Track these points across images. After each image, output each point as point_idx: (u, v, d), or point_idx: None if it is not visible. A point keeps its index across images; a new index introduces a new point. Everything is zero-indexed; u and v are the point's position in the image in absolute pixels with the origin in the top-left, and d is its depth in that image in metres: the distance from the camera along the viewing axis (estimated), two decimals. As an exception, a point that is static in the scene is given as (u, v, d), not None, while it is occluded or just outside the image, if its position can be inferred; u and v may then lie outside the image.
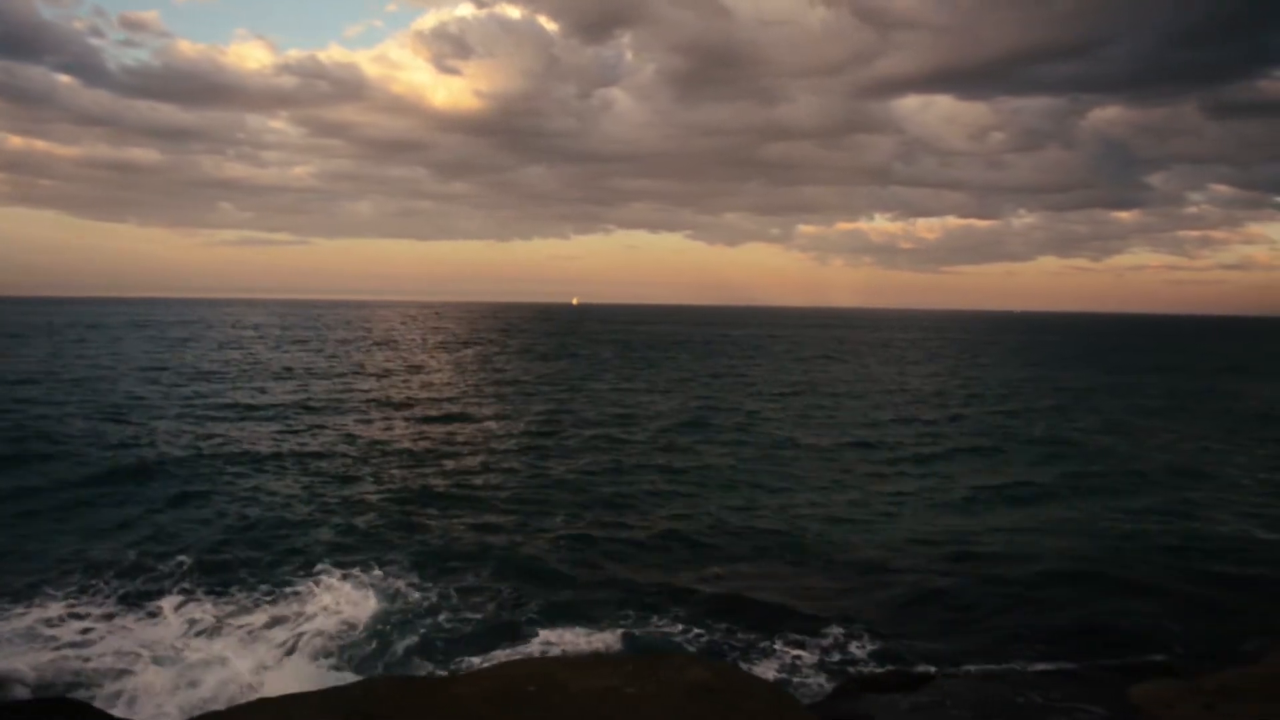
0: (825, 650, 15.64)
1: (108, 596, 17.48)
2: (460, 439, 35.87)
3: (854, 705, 12.65)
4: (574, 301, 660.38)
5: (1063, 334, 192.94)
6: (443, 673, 14.03)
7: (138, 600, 17.35)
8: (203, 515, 23.48)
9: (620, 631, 16.41)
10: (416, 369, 68.46)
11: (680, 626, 16.68)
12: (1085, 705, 13.33)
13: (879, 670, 14.67)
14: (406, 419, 41.41)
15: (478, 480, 28.15)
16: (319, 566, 19.35)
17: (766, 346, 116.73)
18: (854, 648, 15.76)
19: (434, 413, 43.12)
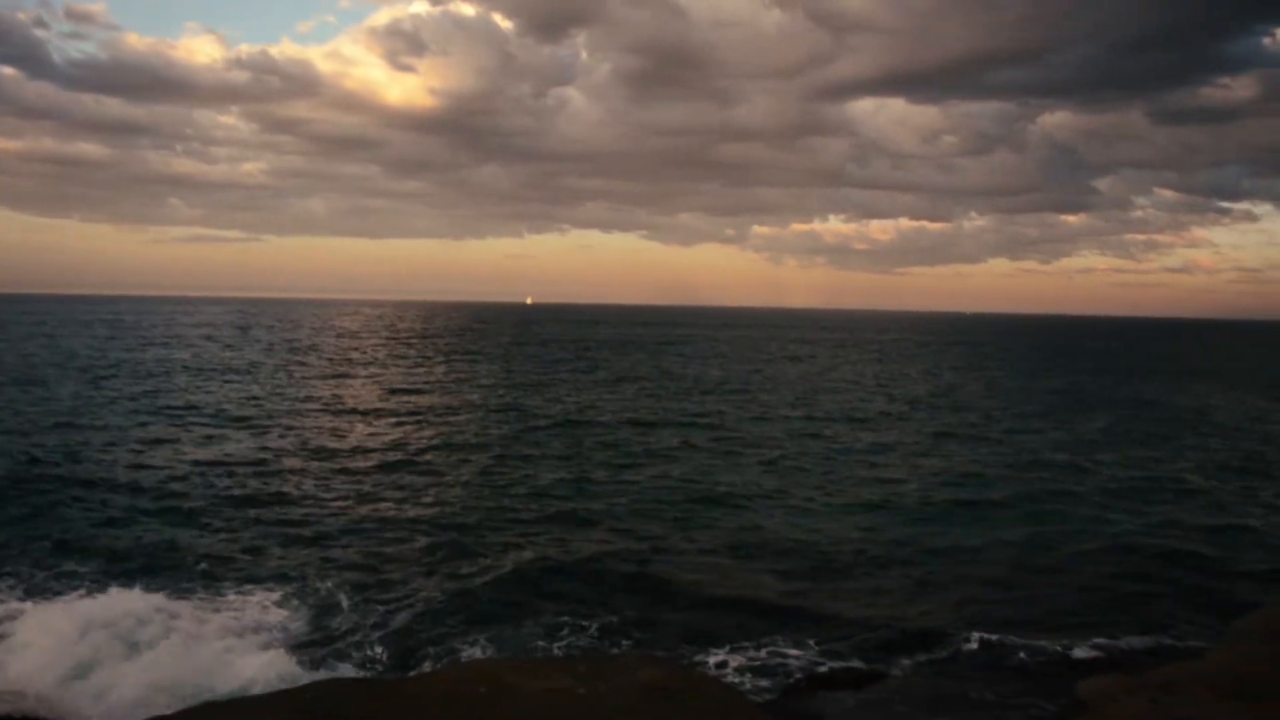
0: (777, 648, 15.64)
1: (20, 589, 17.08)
2: (406, 442, 35.51)
3: (805, 703, 12.69)
4: (528, 301, 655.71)
5: (1011, 335, 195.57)
6: (395, 675, 13.85)
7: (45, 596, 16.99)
8: (133, 519, 23.00)
9: (573, 633, 16.31)
10: (364, 371, 67.79)
11: (633, 627, 16.59)
12: (1034, 700, 13.48)
13: (830, 668, 14.71)
14: (355, 423, 40.98)
15: (423, 485, 27.70)
16: (260, 575, 18.98)
17: (717, 346, 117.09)
18: (805, 645, 15.77)
19: (380, 418, 42.57)
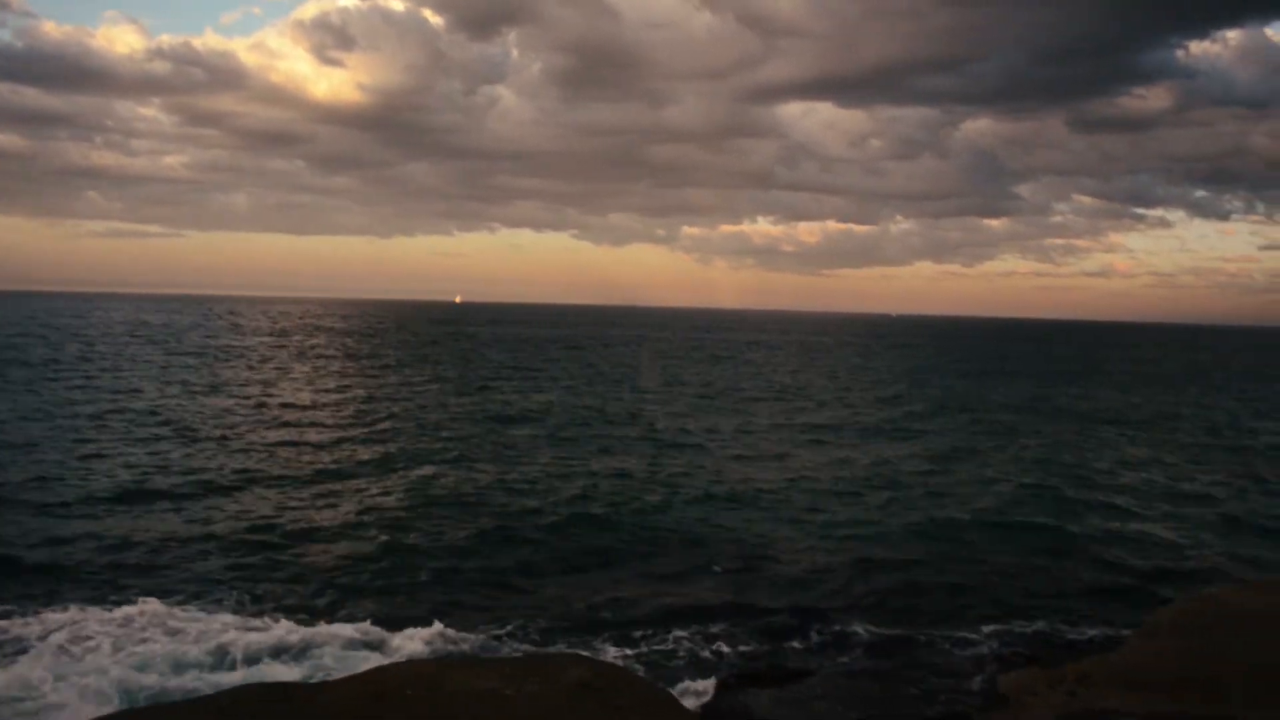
0: (704, 644, 15.72)
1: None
2: (323, 449, 34.94)
3: (734, 701, 12.74)
4: (456, 300, 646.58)
5: (938, 337, 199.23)
6: (318, 679, 13.58)
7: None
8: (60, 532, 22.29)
9: (502, 634, 16.19)
10: (281, 374, 66.58)
11: (564, 626, 16.55)
12: (958, 695, 13.72)
13: (759, 666, 14.81)
14: (274, 427, 40.21)
15: (343, 489, 27.22)
16: (177, 584, 18.49)
17: (646, 345, 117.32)
18: (732, 641, 15.88)
19: (298, 425, 41.80)
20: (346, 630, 16.05)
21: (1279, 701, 11.23)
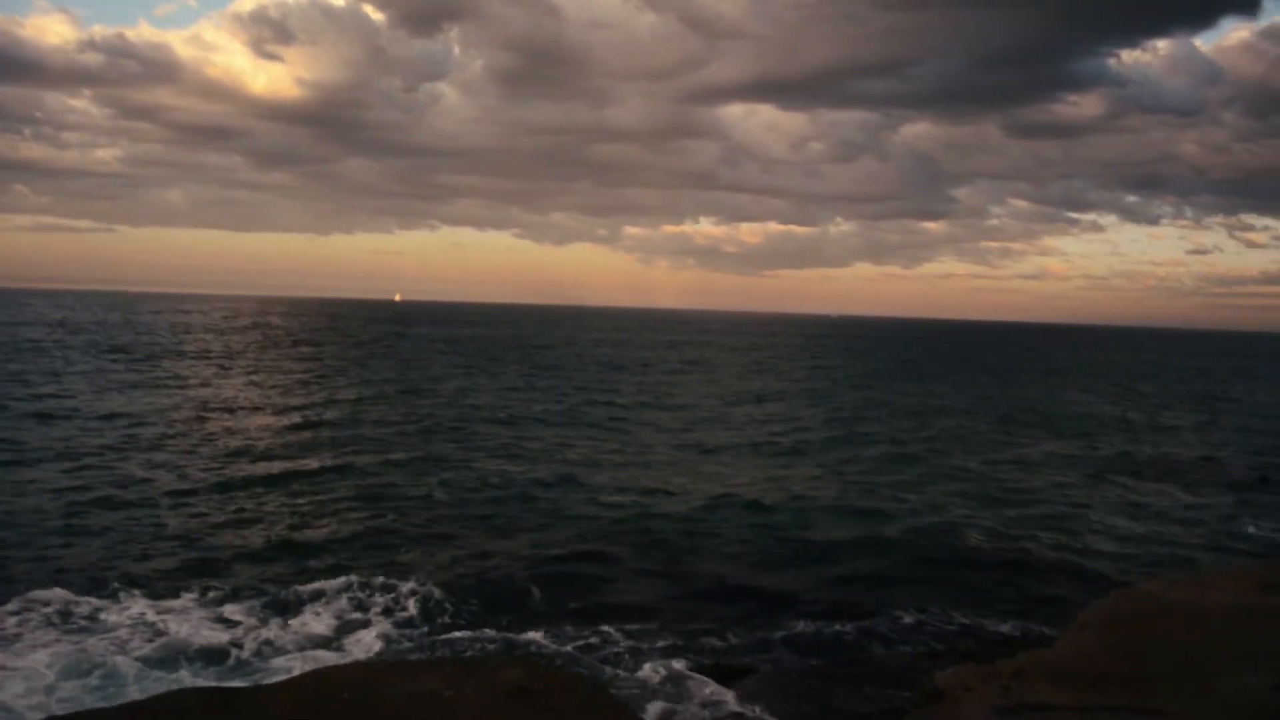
0: (646, 645, 15.75)
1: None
2: (255, 450, 34.44)
3: (673, 699, 12.78)
4: (396, 298, 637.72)
5: (878, 338, 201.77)
6: (250, 683, 13.35)
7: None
8: None
9: (443, 635, 16.08)
10: (214, 373, 65.50)
11: (505, 626, 16.47)
12: (894, 692, 13.90)
13: (698, 664, 14.87)
14: (206, 426, 39.56)
15: (271, 492, 26.82)
16: (113, 586, 18.08)
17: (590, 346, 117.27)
18: (670, 640, 15.93)
19: (231, 425, 41.17)
20: (284, 632, 15.84)
21: (1202, 692, 11.54)
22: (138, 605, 16.78)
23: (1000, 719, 11.24)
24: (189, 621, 16.09)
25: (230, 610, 16.75)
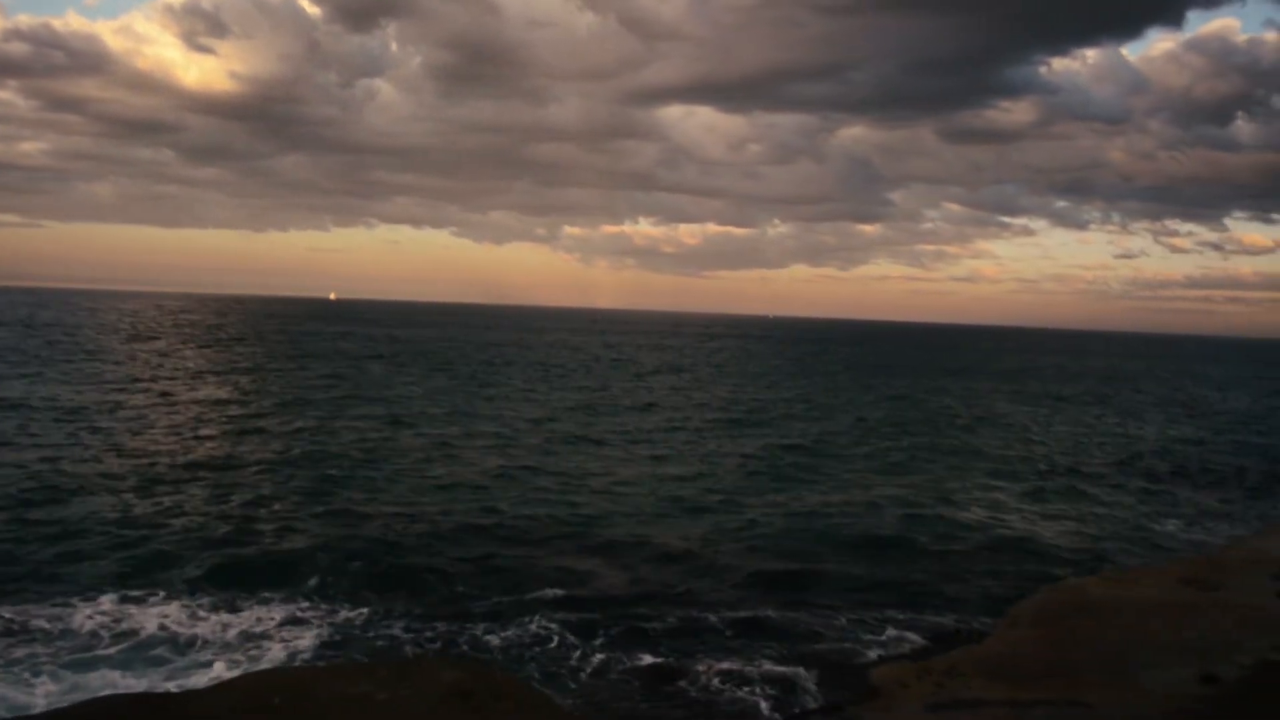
0: (584, 645, 15.68)
1: None
2: (181, 450, 33.73)
3: (610, 698, 12.76)
4: (331, 296, 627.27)
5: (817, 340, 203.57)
6: (181, 688, 13.05)
7: None
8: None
9: (377, 636, 15.86)
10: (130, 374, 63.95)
11: (438, 627, 16.29)
12: (832, 687, 14.04)
13: (635, 663, 14.85)
14: (127, 424, 38.61)
15: (212, 497, 26.26)
16: (33, 589, 17.56)
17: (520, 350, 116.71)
18: (611, 641, 15.87)
19: (155, 423, 40.28)
20: (216, 636, 15.52)
21: (1128, 685, 11.82)
22: (59, 608, 16.32)
23: (933, 714, 11.41)
24: (117, 624, 15.69)
25: (160, 614, 16.34)
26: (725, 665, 14.86)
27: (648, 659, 15.09)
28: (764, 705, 13.52)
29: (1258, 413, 65.17)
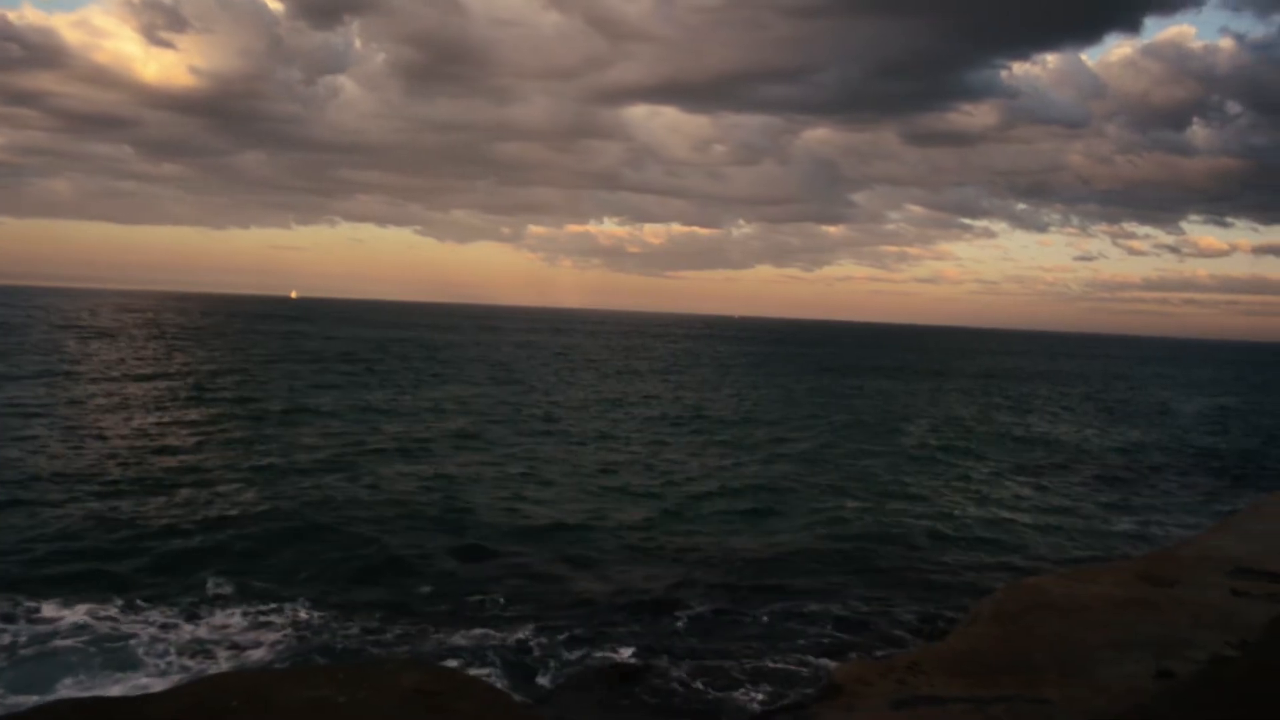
0: (545, 646, 15.60)
1: None
2: (150, 458, 33.24)
3: (573, 700, 12.71)
4: (292, 295, 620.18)
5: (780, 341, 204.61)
6: (134, 693, 12.83)
7: None
8: None
9: (337, 639, 15.69)
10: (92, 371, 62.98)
11: (404, 631, 16.15)
12: (794, 686, 14.08)
13: (597, 664, 14.82)
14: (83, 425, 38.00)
15: (170, 501, 25.84)
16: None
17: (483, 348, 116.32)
18: (572, 642, 15.82)
19: (113, 424, 39.67)
20: (172, 639, 15.29)
21: (1086, 681, 11.96)
22: (3, 614, 16.00)
23: (896, 712, 11.47)
24: (65, 629, 15.40)
25: (111, 617, 16.07)
26: (688, 665, 14.85)
27: (611, 659, 15.05)
28: (727, 704, 13.53)
29: (1210, 413, 66.30)
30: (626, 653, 15.40)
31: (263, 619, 16.41)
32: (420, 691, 8.41)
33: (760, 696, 13.78)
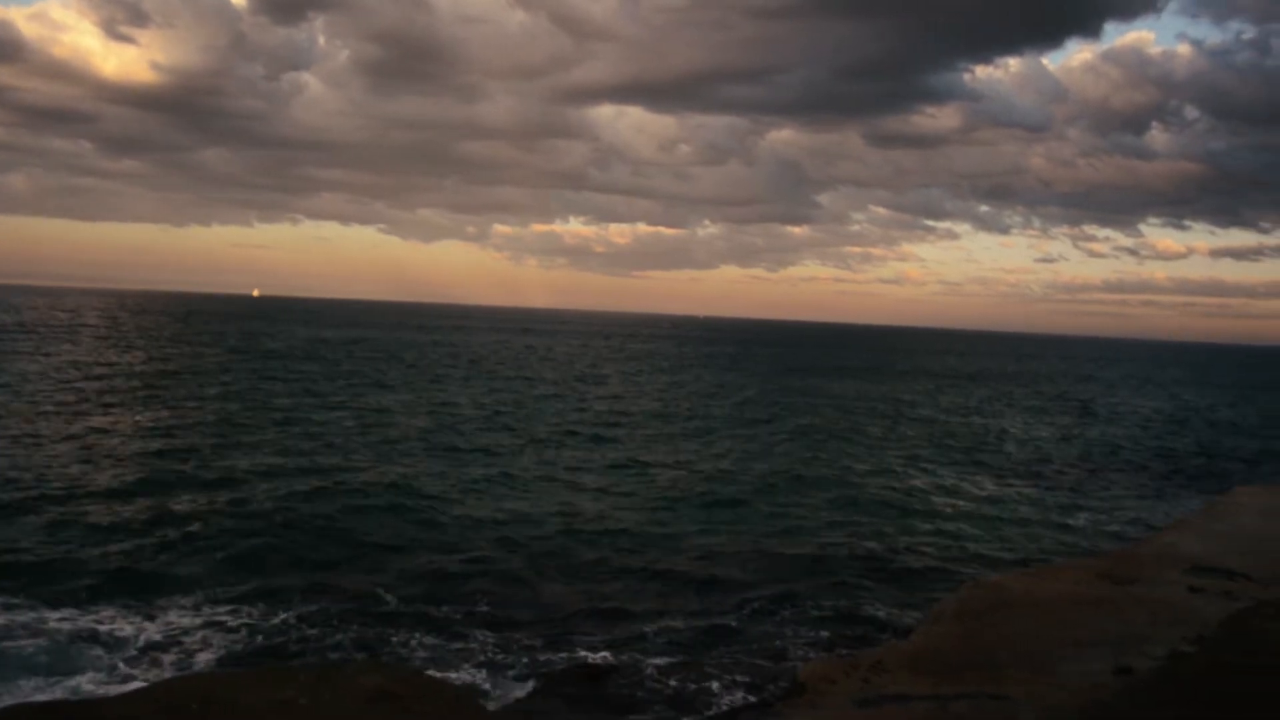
0: (509, 647, 15.51)
1: None
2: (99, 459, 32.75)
3: (537, 701, 12.67)
4: (254, 293, 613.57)
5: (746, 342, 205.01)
6: (95, 696, 12.64)
7: None
8: None
9: (300, 641, 15.52)
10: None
11: (367, 635, 15.99)
12: (759, 685, 14.12)
13: (561, 665, 14.77)
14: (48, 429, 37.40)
15: (123, 500, 25.37)
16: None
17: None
18: (536, 644, 15.74)
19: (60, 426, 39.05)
20: (132, 643, 15.07)
21: (1047, 678, 12.09)
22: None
23: (860, 710, 11.54)
24: (22, 632, 15.13)
25: (70, 620, 15.81)
26: (656, 665, 14.84)
27: (574, 661, 15.00)
28: (694, 703, 13.54)
29: (1169, 413, 67.31)
30: (593, 653, 15.37)
31: (223, 622, 16.19)
32: (384, 693, 8.35)
33: (727, 695, 13.80)
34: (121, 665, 14.30)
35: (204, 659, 14.59)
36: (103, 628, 15.64)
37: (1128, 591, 15.82)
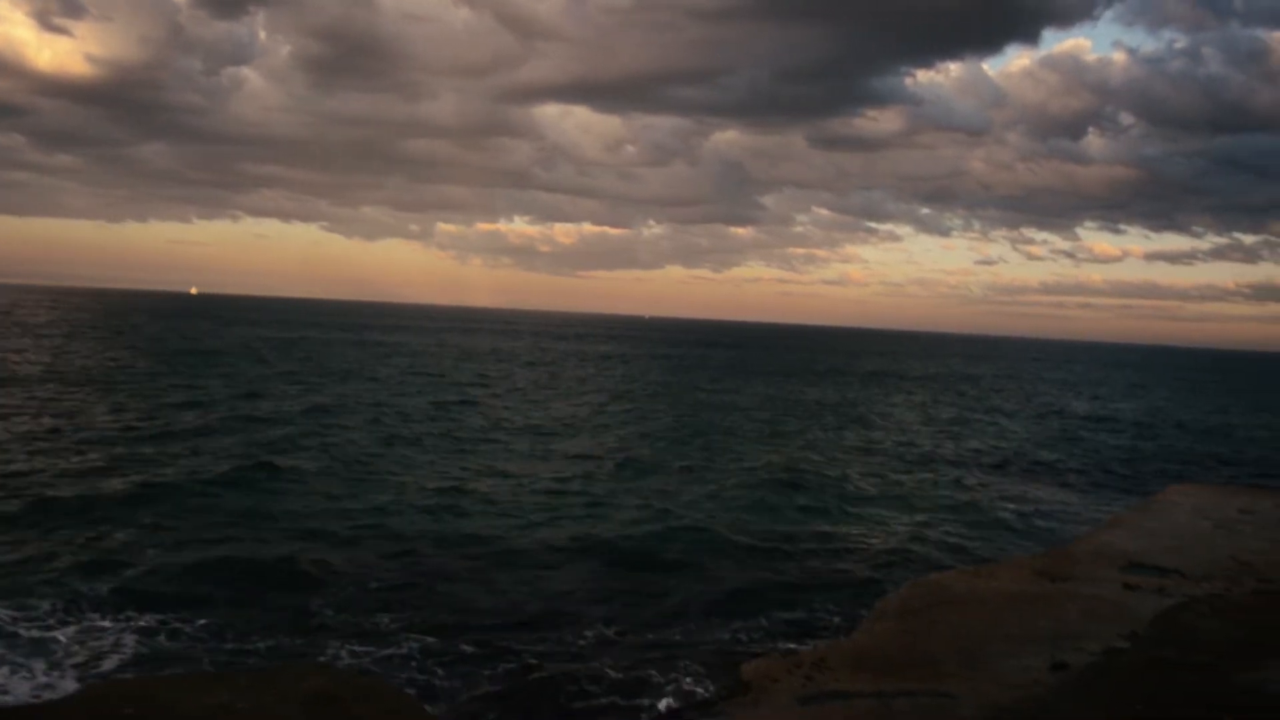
0: (450, 650, 15.37)
1: None
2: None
3: (478, 704, 12.59)
4: (192, 291, 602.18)
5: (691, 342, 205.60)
6: (25, 701, 12.30)
7: None
8: None
9: (235, 644, 15.21)
10: None
11: (301, 635, 15.73)
12: (701, 684, 14.16)
13: (504, 669, 14.68)
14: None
15: (54, 502, 24.95)
16: None
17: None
18: (477, 647, 15.61)
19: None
20: (61, 647, 14.67)
21: (986, 674, 12.30)
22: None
23: (803, 707, 11.64)
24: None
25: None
26: (597, 666, 14.81)
27: (515, 663, 14.91)
28: (636, 704, 13.54)
29: (1105, 413, 68.79)
30: (533, 655, 15.28)
31: (159, 626, 15.79)
32: (324, 695, 8.23)
33: (670, 695, 13.82)
34: (53, 670, 13.88)
35: (138, 664, 14.22)
36: (31, 630, 15.20)
37: (1064, 589, 16.15)
